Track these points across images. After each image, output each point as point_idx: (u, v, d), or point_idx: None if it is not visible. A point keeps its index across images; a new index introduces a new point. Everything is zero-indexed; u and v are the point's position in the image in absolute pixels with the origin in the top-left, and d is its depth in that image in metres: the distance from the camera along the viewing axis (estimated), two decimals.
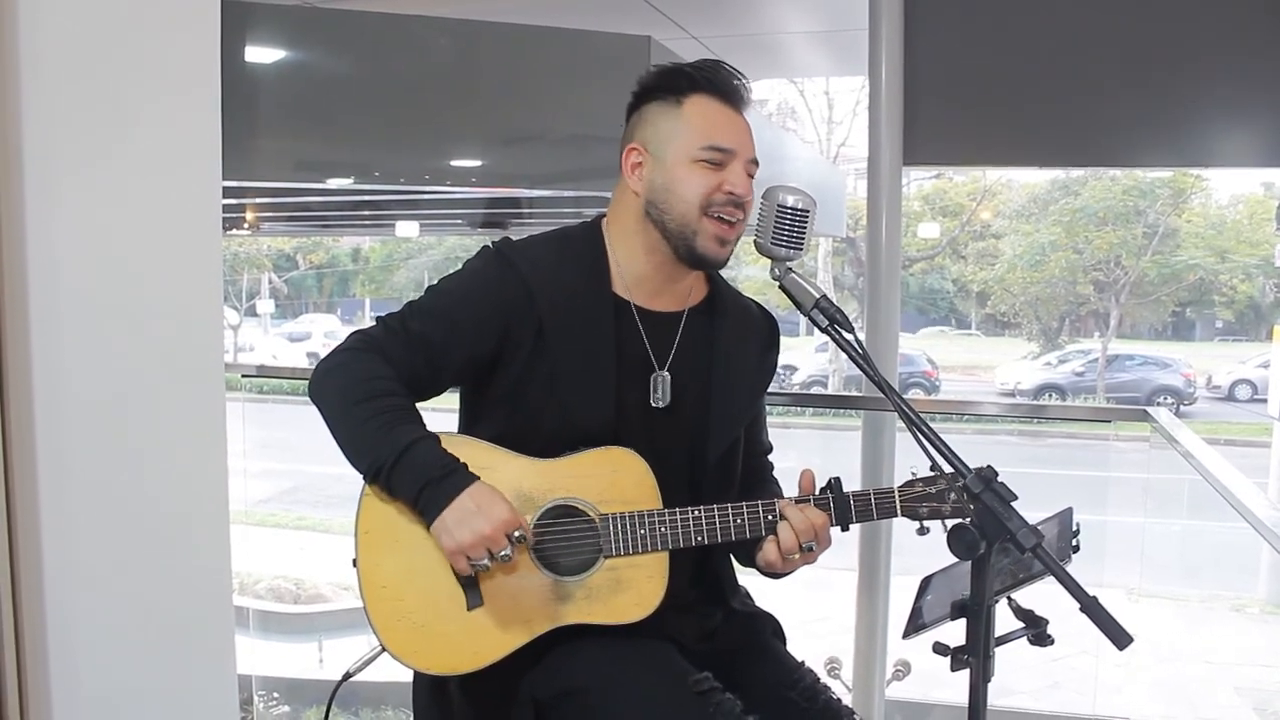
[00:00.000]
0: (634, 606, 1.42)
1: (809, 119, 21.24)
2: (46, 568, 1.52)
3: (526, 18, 3.82)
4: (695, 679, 1.38)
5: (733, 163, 1.46)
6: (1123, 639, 1.12)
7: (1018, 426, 14.03)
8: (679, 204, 1.45)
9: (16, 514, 1.49)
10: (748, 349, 1.58)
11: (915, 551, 1.41)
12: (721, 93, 1.48)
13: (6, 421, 1.48)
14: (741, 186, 1.46)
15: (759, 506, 1.44)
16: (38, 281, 1.49)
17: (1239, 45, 3.19)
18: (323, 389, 1.42)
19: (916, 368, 19.78)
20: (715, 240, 1.45)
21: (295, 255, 26.26)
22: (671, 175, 1.46)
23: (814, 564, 1.49)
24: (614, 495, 1.43)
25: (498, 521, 1.33)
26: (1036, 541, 1.16)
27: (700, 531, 1.42)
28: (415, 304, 1.48)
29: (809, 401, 9.58)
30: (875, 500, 1.45)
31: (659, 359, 1.50)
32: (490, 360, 1.46)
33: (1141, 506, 3.27)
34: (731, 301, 1.60)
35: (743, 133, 1.49)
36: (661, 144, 1.47)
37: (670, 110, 1.48)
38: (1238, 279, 21.18)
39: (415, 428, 1.39)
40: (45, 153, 1.48)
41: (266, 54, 3.69)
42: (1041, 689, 5.77)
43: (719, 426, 1.52)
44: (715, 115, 1.47)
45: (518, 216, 6.68)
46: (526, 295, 1.44)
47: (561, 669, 1.41)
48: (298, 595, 7.81)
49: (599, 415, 1.45)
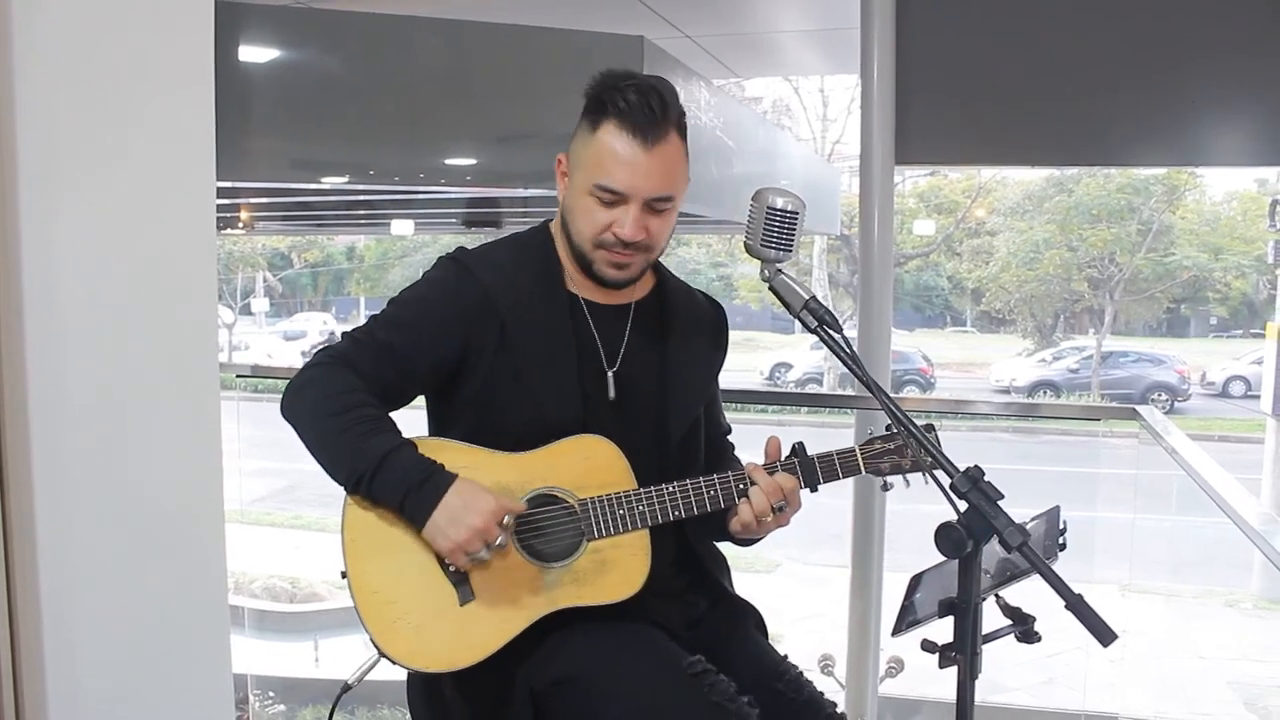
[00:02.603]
0: (621, 585, 1.45)
1: (804, 116, 21.28)
2: (42, 567, 1.53)
3: (520, 18, 3.83)
4: (689, 661, 1.41)
5: (626, 204, 1.44)
6: (1107, 636, 1.13)
7: (1011, 423, 14.08)
8: (575, 230, 1.49)
9: (12, 513, 1.50)
10: (697, 336, 1.62)
11: (908, 549, 1.42)
12: (632, 128, 1.42)
13: (1, 421, 1.49)
14: (628, 230, 1.44)
15: (730, 477, 1.48)
16: (32, 280, 1.50)
17: (1232, 44, 3.20)
18: (295, 406, 1.44)
19: (911, 365, 19.81)
20: (611, 266, 1.48)
21: (290, 253, 26.23)
22: (574, 200, 1.48)
23: (787, 526, 1.53)
24: (590, 480, 1.46)
25: (486, 512, 1.36)
26: (1022, 540, 1.17)
27: (676, 505, 1.46)
28: (379, 316, 1.51)
29: (802, 401, 9.63)
30: (839, 460, 1.50)
31: (612, 351, 1.54)
32: (456, 364, 1.48)
33: (1132, 502, 3.28)
34: (679, 291, 1.64)
35: (646, 174, 1.43)
36: (574, 166, 1.49)
37: (586, 134, 1.47)
38: (1232, 275, 21.23)
39: (390, 436, 1.40)
40: (40, 153, 1.49)
41: (260, 54, 3.69)
42: (1035, 685, 5.80)
43: (676, 408, 1.56)
44: (619, 152, 1.43)
45: (511, 215, 6.68)
46: (486, 299, 1.47)
47: (556, 657, 1.43)
48: (293, 594, 7.82)
49: (567, 408, 1.48)
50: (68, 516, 1.55)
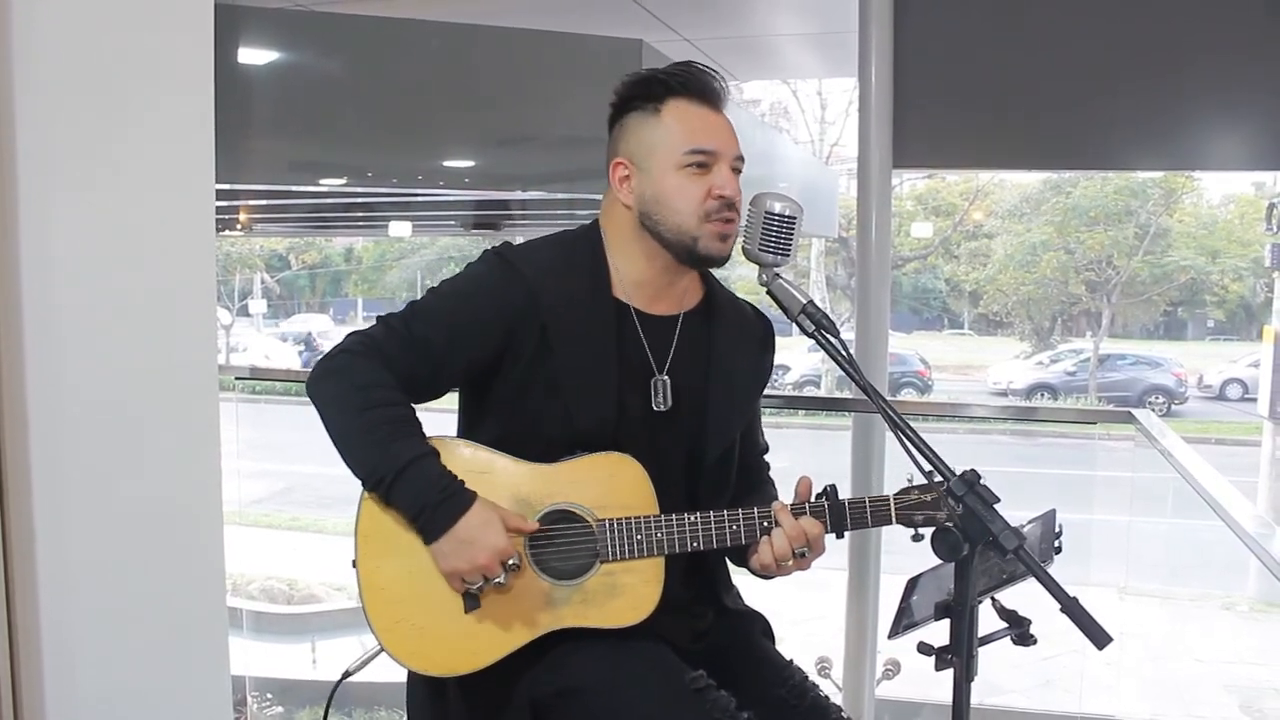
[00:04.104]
0: (629, 611, 1.43)
1: (802, 119, 21.29)
2: (40, 569, 1.53)
3: (519, 21, 3.83)
4: (691, 676, 1.40)
5: (718, 164, 1.46)
6: (1102, 639, 1.14)
7: (1009, 426, 14.07)
8: (673, 215, 1.46)
9: (10, 515, 1.50)
10: (744, 350, 1.59)
11: (905, 552, 1.42)
12: (698, 95, 1.47)
13: (0, 424, 1.49)
14: (730, 187, 1.46)
15: (755, 513, 1.45)
16: (31, 283, 1.50)
17: (1229, 48, 3.20)
18: (321, 391, 1.42)
19: (909, 367, 19.82)
20: (717, 238, 1.46)
21: (288, 255, 26.21)
22: (660, 187, 1.46)
23: (807, 570, 1.49)
24: (611, 500, 1.43)
25: (492, 551, 1.35)
26: (1018, 543, 1.18)
27: (696, 537, 1.43)
28: (417, 305, 1.47)
29: (800, 403, 9.60)
30: (870, 508, 1.45)
31: (658, 362, 1.50)
32: (491, 364, 1.46)
33: (1129, 505, 3.29)
34: (727, 303, 1.60)
35: (724, 132, 1.48)
36: (645, 155, 1.47)
37: (650, 119, 1.47)
38: (1229, 279, 21.25)
39: (413, 442, 1.39)
40: (39, 155, 1.49)
41: (259, 56, 3.70)
42: (1032, 687, 5.80)
43: (717, 428, 1.53)
44: (694, 119, 1.46)
45: (510, 218, 6.69)
46: (530, 299, 1.44)
47: (559, 669, 1.42)
48: (291, 596, 7.80)
49: (600, 419, 1.45)
50: (66, 518, 1.55)
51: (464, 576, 1.36)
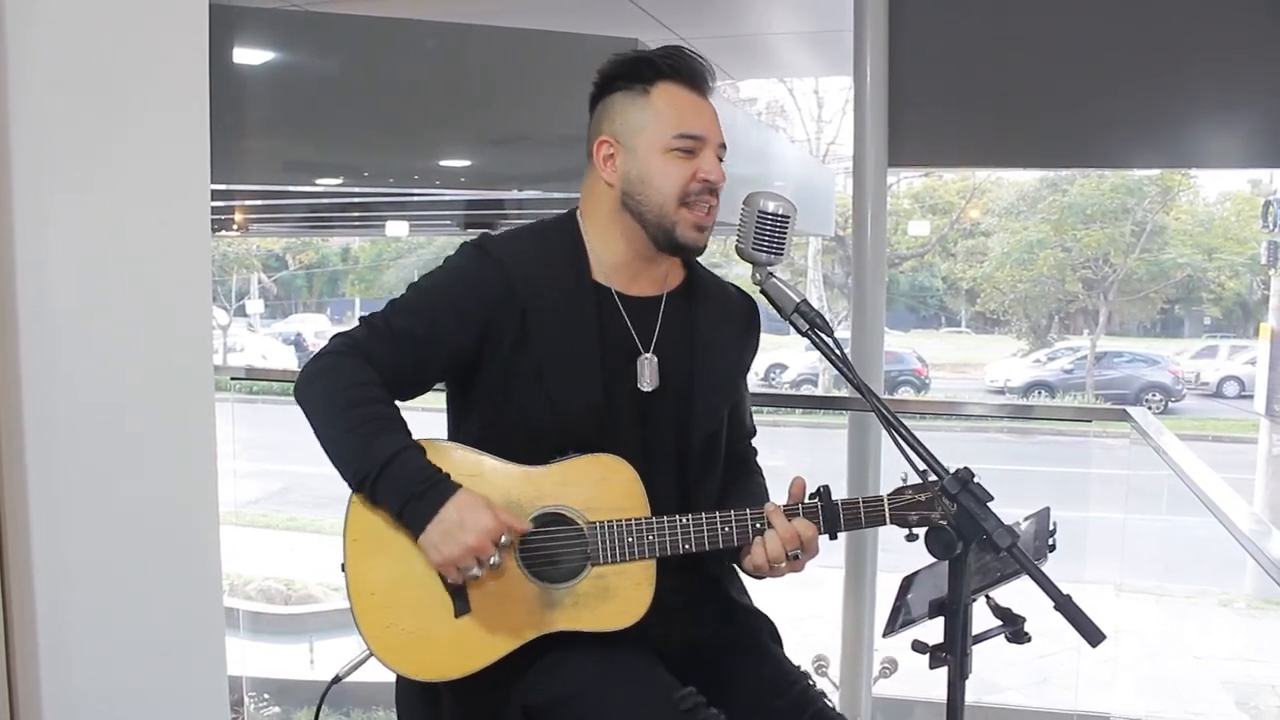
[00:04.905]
0: (620, 614, 1.42)
1: (798, 118, 21.30)
2: (37, 569, 1.53)
3: (514, 21, 3.84)
4: (681, 694, 1.37)
5: (704, 149, 1.47)
6: (1095, 636, 1.14)
7: (1005, 424, 14.09)
8: (655, 195, 1.46)
9: (6, 515, 1.50)
10: (728, 329, 1.59)
11: (902, 549, 1.42)
12: (688, 79, 1.48)
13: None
14: (715, 173, 1.47)
15: (747, 515, 1.43)
16: (26, 282, 1.50)
17: (1225, 46, 3.21)
18: (308, 395, 1.41)
19: (906, 365, 19.81)
20: (693, 228, 1.47)
21: (285, 255, 26.18)
22: (645, 166, 1.47)
23: (801, 572, 1.48)
24: (602, 503, 1.42)
25: (482, 531, 1.33)
26: (1012, 541, 1.18)
27: (689, 539, 1.42)
28: (397, 302, 1.47)
29: (796, 402, 9.63)
30: (864, 509, 1.43)
31: (643, 342, 1.50)
32: (474, 354, 1.45)
33: (1125, 502, 3.30)
34: (710, 283, 1.61)
35: (711, 118, 1.50)
36: (632, 135, 1.48)
37: (638, 100, 1.48)
38: (1225, 276, 21.28)
39: (398, 438, 1.38)
40: (34, 156, 1.49)
41: (254, 56, 3.70)
42: (1029, 685, 5.81)
43: (704, 407, 1.53)
44: (683, 103, 1.47)
45: (506, 217, 6.69)
46: (508, 287, 1.44)
47: (552, 677, 1.41)
48: (288, 596, 7.79)
49: (587, 402, 1.45)
50: (63, 519, 1.55)
51: (457, 564, 1.34)
